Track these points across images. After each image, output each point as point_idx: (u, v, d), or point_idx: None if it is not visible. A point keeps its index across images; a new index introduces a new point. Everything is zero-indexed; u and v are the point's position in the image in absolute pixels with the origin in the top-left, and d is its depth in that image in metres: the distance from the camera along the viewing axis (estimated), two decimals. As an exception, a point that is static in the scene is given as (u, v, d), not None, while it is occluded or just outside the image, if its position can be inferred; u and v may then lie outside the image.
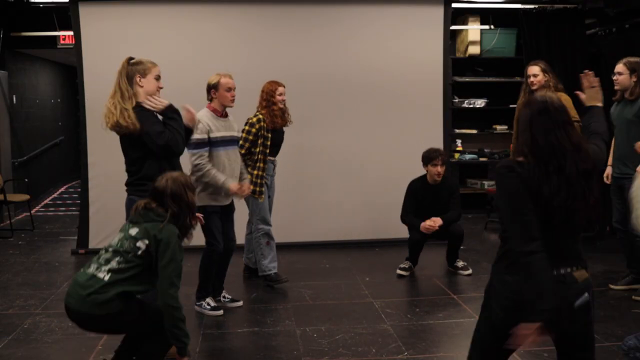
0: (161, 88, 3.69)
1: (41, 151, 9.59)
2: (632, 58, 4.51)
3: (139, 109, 3.48)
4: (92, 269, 2.95)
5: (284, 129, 5.11)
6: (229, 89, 4.33)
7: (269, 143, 4.84)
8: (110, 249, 2.97)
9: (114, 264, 2.90)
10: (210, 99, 4.38)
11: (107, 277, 2.87)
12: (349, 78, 6.39)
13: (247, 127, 4.83)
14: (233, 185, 4.26)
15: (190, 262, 5.80)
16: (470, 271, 5.44)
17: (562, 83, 5.00)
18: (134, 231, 2.95)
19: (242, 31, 6.37)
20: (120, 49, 5.72)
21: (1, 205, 7.72)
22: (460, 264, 5.52)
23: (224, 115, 4.40)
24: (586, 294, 2.24)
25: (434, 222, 5.19)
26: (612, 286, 4.81)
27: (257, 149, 4.79)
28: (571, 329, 2.25)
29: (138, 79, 3.56)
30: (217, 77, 4.36)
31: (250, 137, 4.79)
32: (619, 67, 4.51)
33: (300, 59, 6.35)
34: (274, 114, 4.88)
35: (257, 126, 4.79)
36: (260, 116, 4.84)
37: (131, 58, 3.64)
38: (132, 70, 3.56)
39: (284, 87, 4.97)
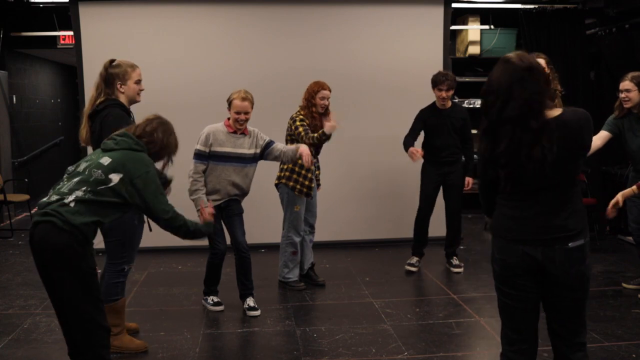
0: (142, 90, 3.69)
1: (41, 151, 9.59)
2: (635, 73, 4.46)
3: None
4: (52, 199, 2.71)
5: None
6: (238, 113, 4.25)
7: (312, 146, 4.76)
8: (75, 179, 2.74)
9: (79, 193, 2.69)
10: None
11: (73, 205, 2.66)
12: (349, 78, 6.38)
13: (290, 123, 4.79)
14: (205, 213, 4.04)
15: (191, 262, 5.82)
16: (461, 270, 5.46)
17: (563, 83, 4.95)
18: (105, 160, 2.77)
19: (241, 32, 6.37)
20: (120, 49, 5.75)
21: (1, 205, 7.72)
22: (455, 261, 5.53)
23: (238, 133, 4.33)
24: (582, 240, 2.35)
25: (418, 151, 5.11)
26: (625, 285, 4.84)
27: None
28: (564, 279, 2.34)
29: (119, 86, 3.57)
30: (233, 95, 4.29)
31: (294, 130, 4.70)
32: (626, 84, 4.43)
33: (299, 59, 6.34)
34: (312, 116, 4.77)
35: (299, 122, 4.71)
36: (302, 116, 4.77)
37: (112, 61, 3.62)
38: (111, 75, 3.56)
39: (329, 91, 4.81)
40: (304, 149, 4.30)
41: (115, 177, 2.74)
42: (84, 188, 2.71)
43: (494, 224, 2.46)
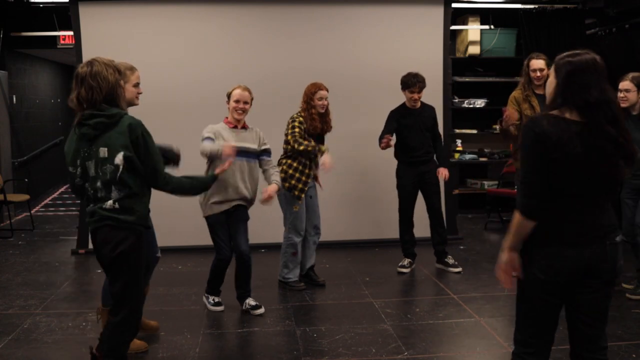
0: (140, 93, 3.65)
1: (41, 151, 9.60)
2: (635, 73, 4.48)
3: None
4: (97, 205, 2.85)
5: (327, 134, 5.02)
6: (237, 101, 4.28)
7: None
8: (98, 184, 2.82)
9: (114, 194, 2.82)
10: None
11: (117, 205, 2.81)
12: (349, 78, 6.39)
13: (289, 123, 4.80)
14: (226, 149, 4.01)
15: (191, 262, 5.82)
16: (460, 269, 5.45)
17: None
18: (103, 152, 2.79)
19: (241, 32, 6.37)
20: (120, 49, 5.76)
21: (1, 205, 7.72)
22: (450, 260, 5.52)
23: (239, 127, 4.35)
24: (620, 234, 2.40)
25: (389, 139, 5.11)
26: (625, 285, 4.79)
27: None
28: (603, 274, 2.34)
29: None
30: (234, 87, 4.34)
31: (289, 130, 4.74)
32: (626, 84, 4.46)
33: (299, 59, 6.35)
34: (312, 117, 4.79)
35: (297, 124, 4.74)
36: (301, 118, 4.79)
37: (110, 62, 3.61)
38: None
39: (326, 90, 4.82)
40: (272, 190, 4.32)
41: (119, 159, 2.78)
42: (112, 187, 2.81)
43: (543, 230, 2.31)
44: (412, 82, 5.22)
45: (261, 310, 4.39)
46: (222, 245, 4.32)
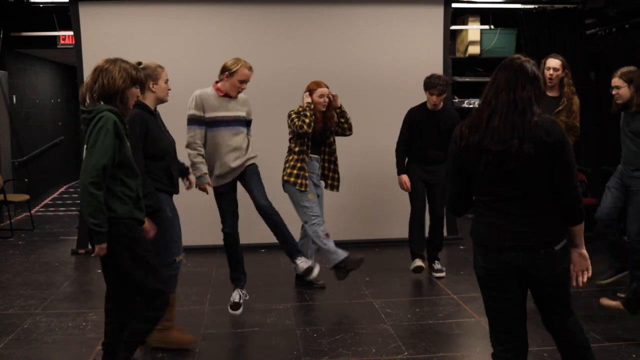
0: (169, 90, 3.77)
1: (41, 151, 9.59)
2: (624, 68, 4.43)
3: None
4: None
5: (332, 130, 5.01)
6: (242, 81, 4.23)
7: (308, 140, 4.78)
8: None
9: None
10: (220, 79, 4.24)
11: (103, 199, 2.83)
12: (349, 78, 6.37)
13: (288, 116, 4.82)
14: (206, 183, 4.11)
15: (191, 262, 5.82)
16: (443, 274, 5.33)
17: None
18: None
19: (241, 32, 6.37)
20: (120, 49, 5.72)
21: (1, 205, 7.72)
22: (437, 265, 5.39)
23: (229, 96, 4.25)
24: (565, 240, 2.38)
25: (408, 185, 5.13)
26: (597, 282, 4.68)
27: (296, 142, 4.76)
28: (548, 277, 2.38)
29: (151, 85, 3.63)
30: (238, 64, 4.20)
31: (289, 121, 4.78)
32: (616, 80, 4.41)
33: (299, 59, 6.34)
34: (315, 114, 4.77)
35: (293, 115, 4.75)
36: (298, 109, 4.81)
37: (139, 63, 3.63)
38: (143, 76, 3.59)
39: (326, 87, 4.83)
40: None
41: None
42: None
43: (474, 231, 2.47)
44: (432, 84, 5.08)
45: (316, 275, 4.47)
46: (225, 216, 4.31)
